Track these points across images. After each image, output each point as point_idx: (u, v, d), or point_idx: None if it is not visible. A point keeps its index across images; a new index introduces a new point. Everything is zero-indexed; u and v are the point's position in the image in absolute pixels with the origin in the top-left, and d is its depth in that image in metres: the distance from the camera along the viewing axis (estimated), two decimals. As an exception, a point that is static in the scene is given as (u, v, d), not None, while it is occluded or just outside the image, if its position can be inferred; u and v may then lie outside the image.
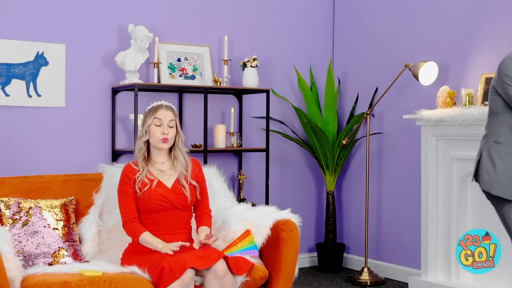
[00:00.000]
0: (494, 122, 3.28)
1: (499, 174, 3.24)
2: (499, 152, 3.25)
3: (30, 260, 3.42)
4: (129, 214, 3.38)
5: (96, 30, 4.61)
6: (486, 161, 3.31)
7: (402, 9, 5.08)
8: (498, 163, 3.25)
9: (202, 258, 3.18)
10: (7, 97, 4.30)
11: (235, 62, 5.15)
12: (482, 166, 3.32)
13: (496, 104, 3.24)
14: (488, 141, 3.31)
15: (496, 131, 3.27)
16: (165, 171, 3.46)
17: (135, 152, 3.47)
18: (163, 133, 3.40)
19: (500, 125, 3.25)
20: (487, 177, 3.29)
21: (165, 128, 3.40)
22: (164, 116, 3.41)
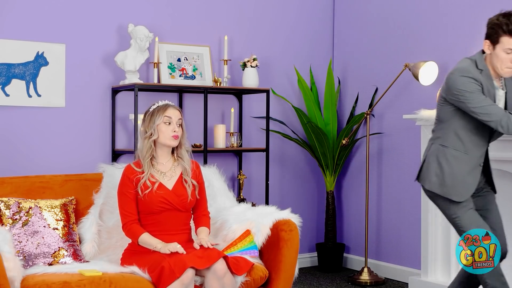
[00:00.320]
0: (441, 127, 3.46)
1: (446, 176, 3.41)
2: (446, 155, 3.43)
3: (30, 260, 3.42)
4: (128, 216, 3.38)
5: (96, 30, 4.61)
6: (433, 163, 3.47)
7: (402, 9, 5.08)
8: (445, 166, 3.43)
9: (202, 258, 3.19)
10: (7, 97, 4.30)
11: (235, 62, 5.15)
12: (429, 168, 3.48)
13: (444, 111, 3.44)
14: (435, 144, 3.48)
15: (443, 135, 3.45)
16: (166, 172, 3.46)
17: (141, 152, 3.44)
18: (173, 130, 3.41)
19: (447, 130, 3.44)
20: (435, 178, 3.45)
21: (174, 126, 3.41)
22: (174, 115, 3.42)
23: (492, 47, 3.33)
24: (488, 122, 3.29)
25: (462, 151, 3.42)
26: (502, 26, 3.27)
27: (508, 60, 3.30)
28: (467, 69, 3.35)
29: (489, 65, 3.39)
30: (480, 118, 3.30)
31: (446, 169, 3.44)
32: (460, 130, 3.42)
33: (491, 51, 3.35)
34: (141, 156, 3.44)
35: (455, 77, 3.36)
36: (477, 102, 3.30)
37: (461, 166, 3.42)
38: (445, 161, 3.44)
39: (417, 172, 3.57)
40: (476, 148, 3.43)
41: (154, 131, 3.41)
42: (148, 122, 3.43)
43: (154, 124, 3.40)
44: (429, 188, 3.49)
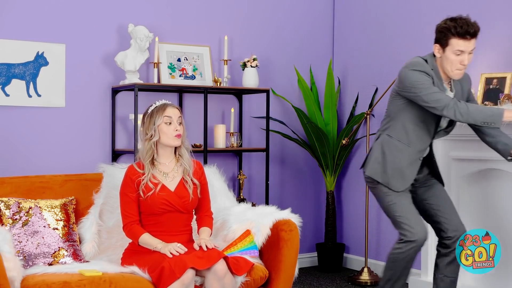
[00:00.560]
0: (390, 119, 3.65)
1: (388, 165, 3.61)
2: (390, 145, 3.63)
3: (30, 260, 3.42)
4: (129, 216, 3.38)
5: (96, 30, 4.61)
6: (376, 151, 3.67)
7: (402, 9, 5.08)
8: (388, 155, 3.63)
9: (202, 258, 3.18)
10: (7, 97, 4.30)
11: (235, 62, 5.15)
12: (373, 156, 3.68)
13: (394, 104, 3.63)
14: (382, 134, 3.69)
15: (390, 127, 3.64)
16: (168, 173, 3.45)
17: (142, 154, 3.41)
18: (175, 129, 3.40)
19: (396, 122, 3.62)
20: (377, 166, 3.65)
21: (176, 125, 3.40)
22: (173, 114, 3.41)
23: (442, 50, 3.49)
24: (437, 107, 3.43)
25: (406, 143, 3.60)
26: (450, 29, 3.43)
27: (458, 62, 3.46)
28: (419, 63, 3.52)
29: (439, 68, 3.55)
30: (430, 105, 3.44)
31: (388, 158, 3.62)
32: (407, 123, 3.59)
33: (441, 54, 3.51)
34: (141, 158, 3.42)
35: (407, 71, 3.52)
36: (427, 90, 3.45)
37: (403, 157, 3.60)
38: (388, 151, 3.63)
39: (363, 161, 3.75)
40: (419, 142, 3.60)
41: (155, 132, 3.38)
42: (148, 123, 3.40)
43: (155, 125, 3.38)
44: (370, 175, 3.67)
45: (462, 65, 3.48)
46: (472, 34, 3.44)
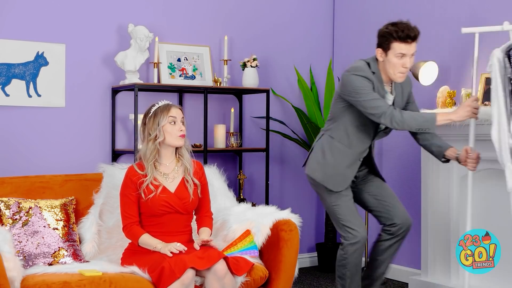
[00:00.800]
0: (333, 121, 3.77)
1: (328, 166, 3.73)
2: (331, 146, 3.75)
3: (30, 260, 3.42)
4: (129, 218, 3.38)
5: (96, 30, 4.61)
6: (318, 152, 3.79)
7: (402, 9, 5.08)
8: (328, 156, 3.75)
9: (202, 258, 3.18)
10: (7, 97, 4.30)
11: (235, 62, 5.15)
12: (314, 156, 3.80)
13: (337, 107, 3.74)
14: (325, 135, 3.80)
15: (333, 128, 3.76)
16: (169, 174, 3.44)
17: (145, 155, 3.39)
18: (180, 129, 3.40)
19: (338, 124, 3.74)
20: (316, 166, 3.77)
21: (180, 125, 3.40)
22: (177, 114, 3.41)
23: (385, 54, 3.60)
24: (375, 114, 3.55)
25: (347, 145, 3.72)
26: (392, 34, 3.56)
27: (400, 65, 3.57)
28: (361, 68, 3.63)
29: (382, 71, 3.66)
30: (368, 111, 3.56)
31: (329, 159, 3.74)
32: (349, 126, 3.71)
33: (383, 58, 3.62)
34: (144, 159, 3.40)
35: (349, 75, 3.64)
36: (367, 96, 3.56)
37: (342, 159, 3.72)
38: (329, 152, 3.75)
39: (305, 160, 3.88)
40: (360, 144, 3.72)
41: (159, 132, 3.37)
42: (151, 124, 3.38)
43: (159, 126, 3.37)
44: (310, 175, 3.79)
45: (404, 68, 3.58)
46: (413, 37, 3.56)
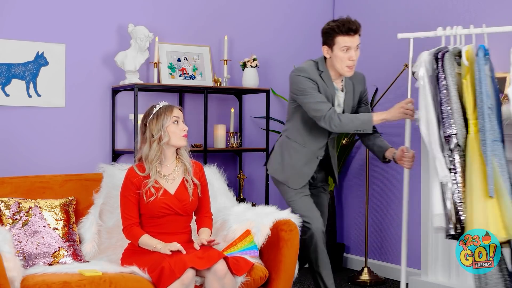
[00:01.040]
0: (288, 121, 3.93)
1: (286, 166, 3.89)
2: (288, 146, 3.90)
3: (30, 260, 3.42)
4: (129, 219, 3.37)
5: (96, 30, 4.61)
6: (276, 152, 3.95)
7: (402, 9, 5.08)
8: (286, 156, 3.90)
9: (202, 258, 3.18)
10: (7, 97, 4.30)
11: (235, 62, 5.15)
12: (274, 156, 3.96)
13: (290, 107, 3.90)
14: (283, 135, 3.96)
15: (289, 128, 3.92)
16: (169, 175, 3.44)
17: (149, 157, 3.36)
18: (183, 129, 3.40)
19: (292, 123, 3.90)
20: (277, 166, 3.93)
21: (183, 125, 3.41)
22: (180, 114, 3.41)
23: (331, 50, 3.75)
24: (316, 117, 3.71)
25: (302, 144, 3.86)
26: (334, 29, 3.72)
27: (347, 58, 3.71)
28: (305, 69, 3.79)
29: (330, 68, 3.81)
30: (310, 113, 3.74)
31: (286, 159, 3.89)
32: (302, 125, 3.86)
33: (330, 55, 3.76)
34: (148, 161, 3.37)
35: (294, 76, 3.80)
36: (309, 99, 3.72)
37: (299, 158, 3.86)
38: (287, 152, 3.90)
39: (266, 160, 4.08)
40: (315, 142, 3.86)
41: (164, 133, 3.36)
42: (154, 125, 3.36)
43: (164, 126, 3.36)
44: (271, 174, 3.98)
45: (351, 60, 3.71)
46: (355, 30, 3.70)
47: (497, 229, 3.39)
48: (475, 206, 3.42)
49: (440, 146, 3.55)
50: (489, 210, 3.40)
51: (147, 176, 3.38)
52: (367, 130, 3.74)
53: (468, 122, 3.52)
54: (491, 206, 3.42)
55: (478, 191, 3.43)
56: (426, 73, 3.63)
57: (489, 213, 3.40)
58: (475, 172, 3.46)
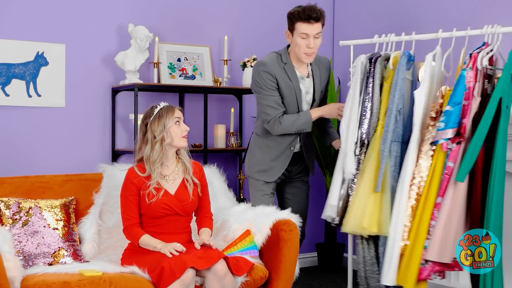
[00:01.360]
0: (257, 118, 4.00)
1: (257, 161, 3.94)
2: (258, 143, 3.97)
3: (30, 260, 3.42)
4: (130, 219, 3.37)
5: (96, 30, 4.61)
6: (250, 150, 4.03)
7: (402, 9, 5.08)
8: (257, 152, 3.96)
9: (202, 258, 3.18)
10: (7, 97, 4.30)
11: (235, 62, 5.15)
12: (248, 154, 4.04)
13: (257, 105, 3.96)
14: (253, 134, 4.04)
15: (258, 126, 3.98)
16: (169, 175, 3.44)
17: (151, 158, 3.35)
18: (185, 130, 3.40)
19: (260, 120, 3.95)
20: (249, 164, 3.99)
21: (184, 125, 3.41)
22: (180, 115, 3.42)
23: (291, 35, 3.78)
24: (263, 119, 3.85)
25: (271, 139, 3.91)
26: (295, 15, 3.73)
27: (305, 45, 3.74)
28: (266, 62, 3.82)
29: (293, 56, 3.85)
30: (259, 112, 3.88)
31: (258, 155, 3.95)
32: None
33: (291, 40, 3.80)
34: (149, 162, 3.37)
35: (254, 69, 3.87)
36: (263, 100, 3.83)
37: (271, 153, 3.92)
38: (257, 149, 3.96)
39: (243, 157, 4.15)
40: (283, 137, 3.89)
41: (166, 134, 3.35)
42: (156, 125, 3.35)
43: (166, 127, 3.36)
44: (247, 173, 4.03)
45: (309, 48, 3.73)
46: (315, 18, 3.70)
47: (370, 223, 3.62)
48: (359, 198, 3.67)
49: (354, 145, 3.77)
50: (369, 204, 3.64)
51: (148, 177, 3.38)
52: (307, 129, 3.85)
53: (378, 123, 3.74)
54: (373, 201, 3.65)
55: (366, 185, 3.67)
56: (359, 74, 3.83)
57: (368, 207, 3.64)
58: (369, 168, 3.69)
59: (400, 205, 3.56)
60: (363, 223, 3.63)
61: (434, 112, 3.60)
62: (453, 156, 3.47)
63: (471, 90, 3.50)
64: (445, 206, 3.45)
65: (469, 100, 3.49)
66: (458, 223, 3.47)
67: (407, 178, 3.56)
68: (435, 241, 3.45)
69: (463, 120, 3.48)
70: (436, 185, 3.50)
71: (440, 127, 3.47)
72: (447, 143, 3.48)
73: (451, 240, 3.45)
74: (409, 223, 3.55)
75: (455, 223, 3.45)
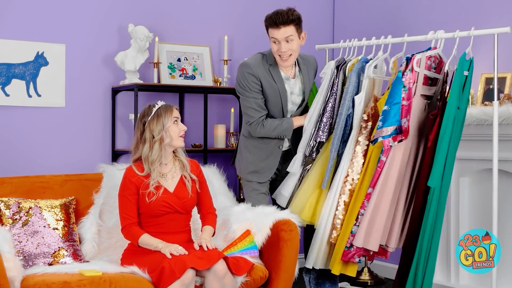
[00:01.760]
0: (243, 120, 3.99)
1: (249, 163, 3.96)
2: (246, 145, 3.98)
3: (30, 260, 3.42)
4: (128, 218, 3.37)
5: (96, 30, 4.61)
6: (239, 152, 4.04)
7: (402, 9, 5.08)
8: (246, 154, 3.98)
9: (202, 258, 3.18)
10: (7, 97, 4.30)
11: (235, 62, 5.15)
12: (237, 155, 4.07)
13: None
14: (241, 136, 4.07)
15: (244, 127, 3.99)
16: (167, 173, 3.44)
17: (150, 158, 3.35)
18: (182, 129, 3.41)
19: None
20: (240, 165, 4.02)
21: (182, 125, 3.42)
22: (178, 114, 3.42)
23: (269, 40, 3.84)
24: (245, 120, 3.87)
25: (258, 140, 3.93)
26: (266, 20, 3.81)
27: (276, 49, 3.78)
28: (249, 64, 3.86)
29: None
30: (243, 114, 3.89)
31: (247, 156, 3.96)
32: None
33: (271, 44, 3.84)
34: (148, 162, 3.37)
35: (238, 70, 3.90)
36: (246, 102, 3.84)
37: (258, 153, 3.94)
38: (246, 150, 3.98)
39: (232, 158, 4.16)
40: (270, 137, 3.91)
41: (166, 133, 3.36)
42: (154, 125, 3.35)
43: (165, 127, 3.36)
44: (239, 173, 4.07)
45: (281, 52, 3.76)
46: (282, 22, 3.72)
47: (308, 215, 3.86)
48: (302, 191, 3.89)
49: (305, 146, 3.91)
50: (311, 198, 3.87)
51: (146, 176, 3.38)
52: (287, 136, 3.89)
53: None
54: (316, 196, 3.88)
55: (311, 181, 3.89)
56: (328, 80, 3.99)
57: (309, 200, 3.87)
58: (317, 165, 3.90)
59: (333, 199, 3.83)
60: (301, 214, 3.82)
61: (366, 115, 3.81)
62: (386, 151, 3.69)
63: (411, 91, 3.68)
64: (373, 196, 3.69)
65: (410, 100, 3.67)
66: (385, 213, 3.71)
67: (340, 174, 3.83)
68: (361, 228, 3.71)
69: (403, 119, 3.65)
70: (368, 179, 3.77)
71: (378, 126, 3.64)
72: (388, 140, 3.65)
73: (377, 229, 3.70)
74: (342, 216, 3.81)
75: (382, 212, 3.71)
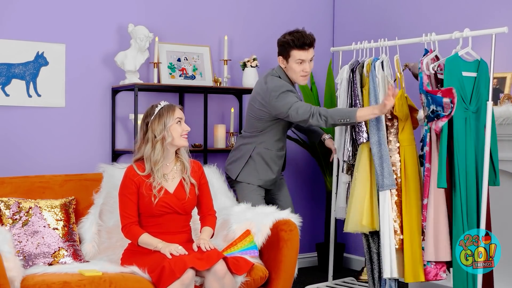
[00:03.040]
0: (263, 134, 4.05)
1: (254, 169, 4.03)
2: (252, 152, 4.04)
3: (30, 260, 3.42)
4: (128, 218, 3.37)
5: (96, 30, 4.61)
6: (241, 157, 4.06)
7: (402, 9, 5.08)
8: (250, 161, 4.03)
9: (202, 259, 3.19)
10: (7, 97, 4.30)
11: (235, 62, 5.15)
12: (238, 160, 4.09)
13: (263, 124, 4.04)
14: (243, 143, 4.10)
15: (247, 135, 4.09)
16: (168, 174, 3.44)
17: (152, 158, 3.35)
18: (185, 129, 3.41)
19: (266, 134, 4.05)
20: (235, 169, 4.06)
21: (185, 125, 3.41)
22: (181, 114, 3.42)
23: (286, 62, 3.98)
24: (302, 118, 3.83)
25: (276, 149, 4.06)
26: (290, 43, 3.94)
27: (301, 69, 3.96)
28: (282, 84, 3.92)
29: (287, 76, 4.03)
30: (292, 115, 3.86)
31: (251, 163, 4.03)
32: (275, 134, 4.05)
33: (285, 65, 4.00)
34: (151, 162, 3.37)
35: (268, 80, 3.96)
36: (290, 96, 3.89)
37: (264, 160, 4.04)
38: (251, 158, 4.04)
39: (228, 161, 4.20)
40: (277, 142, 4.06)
41: (167, 133, 3.36)
42: (156, 125, 3.35)
43: (167, 126, 3.36)
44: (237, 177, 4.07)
45: (305, 72, 3.97)
46: (309, 44, 3.94)
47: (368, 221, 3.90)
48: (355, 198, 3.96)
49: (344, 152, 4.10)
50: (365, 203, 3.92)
51: (147, 176, 3.38)
52: (351, 119, 3.78)
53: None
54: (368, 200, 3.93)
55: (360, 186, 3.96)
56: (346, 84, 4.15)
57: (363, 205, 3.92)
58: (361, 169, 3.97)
59: (386, 201, 3.86)
60: (363, 222, 3.87)
61: (390, 114, 3.91)
62: (428, 157, 3.75)
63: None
64: (430, 208, 3.70)
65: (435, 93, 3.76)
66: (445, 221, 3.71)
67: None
68: (429, 243, 3.72)
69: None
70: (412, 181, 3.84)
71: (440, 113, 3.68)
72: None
73: (443, 238, 3.70)
74: (397, 218, 3.86)
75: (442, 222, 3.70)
